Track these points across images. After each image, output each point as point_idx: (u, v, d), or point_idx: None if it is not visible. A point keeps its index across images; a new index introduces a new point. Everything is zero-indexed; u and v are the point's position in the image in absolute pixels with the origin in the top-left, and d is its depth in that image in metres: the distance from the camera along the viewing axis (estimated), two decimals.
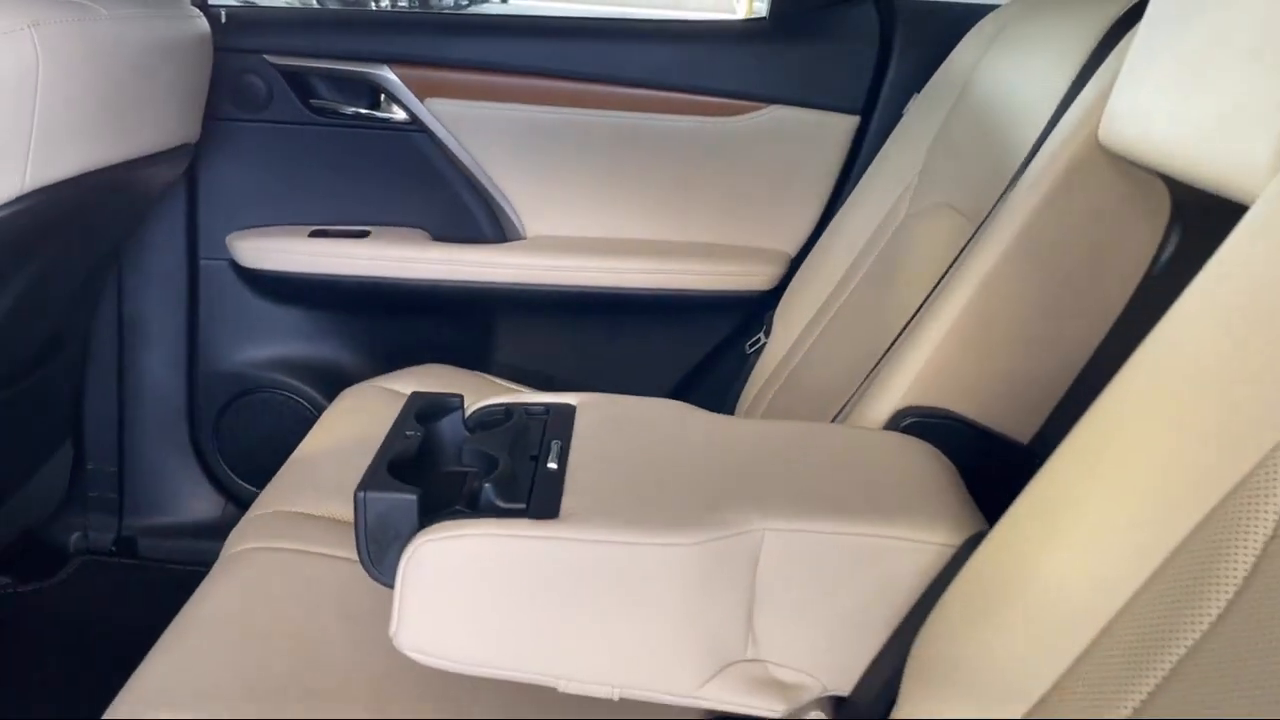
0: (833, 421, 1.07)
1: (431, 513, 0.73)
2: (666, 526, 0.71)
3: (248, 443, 1.60)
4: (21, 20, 0.88)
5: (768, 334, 1.39)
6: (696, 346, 1.60)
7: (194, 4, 1.38)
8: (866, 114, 1.49)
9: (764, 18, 1.53)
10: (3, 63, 0.87)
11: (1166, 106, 0.71)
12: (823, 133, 1.50)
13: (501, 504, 0.73)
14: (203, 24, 1.28)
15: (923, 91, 1.31)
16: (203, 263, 1.57)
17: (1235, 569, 0.50)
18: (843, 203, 1.39)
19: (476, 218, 1.58)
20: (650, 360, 1.61)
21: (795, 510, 0.74)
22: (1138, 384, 0.61)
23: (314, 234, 1.54)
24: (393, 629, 0.72)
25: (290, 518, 1.05)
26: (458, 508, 0.74)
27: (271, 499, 1.10)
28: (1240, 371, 0.55)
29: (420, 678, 0.84)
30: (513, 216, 1.58)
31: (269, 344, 1.61)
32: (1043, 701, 0.56)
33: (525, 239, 1.58)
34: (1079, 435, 0.63)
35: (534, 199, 1.57)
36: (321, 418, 1.27)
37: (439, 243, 1.57)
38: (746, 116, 1.51)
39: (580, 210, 1.56)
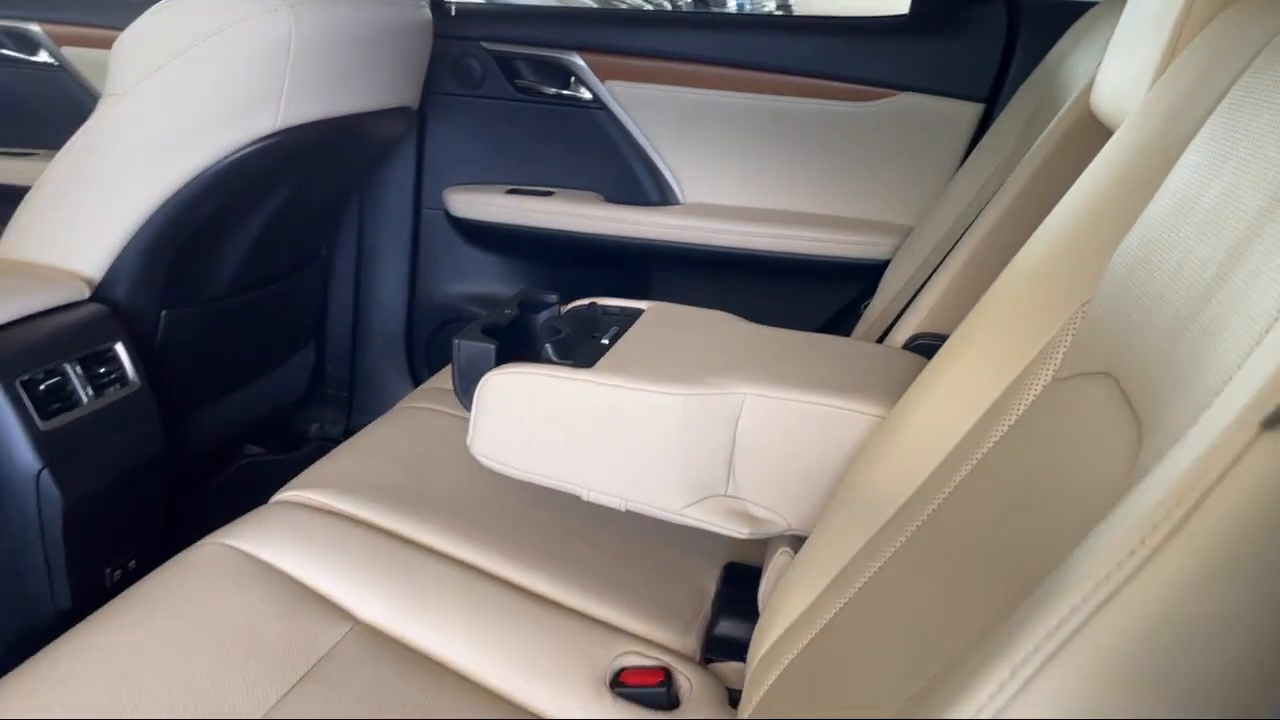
0: None
1: (505, 360, 1.00)
2: (666, 381, 0.94)
3: (449, 360, 1.96)
4: (280, 3, 1.24)
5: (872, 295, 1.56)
6: (824, 306, 1.79)
7: (432, 2, 1.75)
8: (991, 102, 1.62)
9: (904, 15, 1.69)
10: (267, 33, 1.24)
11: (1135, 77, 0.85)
12: (950, 118, 1.65)
13: (554, 358, 0.99)
14: (425, 13, 1.63)
15: (1025, 82, 1.44)
16: (424, 211, 1.94)
17: (1017, 408, 0.68)
18: None
19: (643, 184, 1.85)
20: (780, 317, 1.80)
21: (772, 383, 0.94)
22: (1004, 277, 0.78)
23: (509, 192, 1.87)
24: (469, 439, 1.00)
25: (442, 393, 1.36)
26: (524, 358, 1.01)
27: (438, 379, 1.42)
28: (1060, 259, 0.72)
29: (489, 492, 1.11)
30: (673, 184, 1.83)
31: (471, 281, 1.95)
32: (896, 514, 0.75)
33: (682, 204, 1.83)
34: (965, 321, 0.80)
35: (692, 169, 1.82)
36: None
37: (610, 204, 1.85)
38: (881, 102, 1.68)
39: (730, 180, 1.79)
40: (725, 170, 1.80)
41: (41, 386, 1.17)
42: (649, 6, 3.54)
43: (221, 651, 0.84)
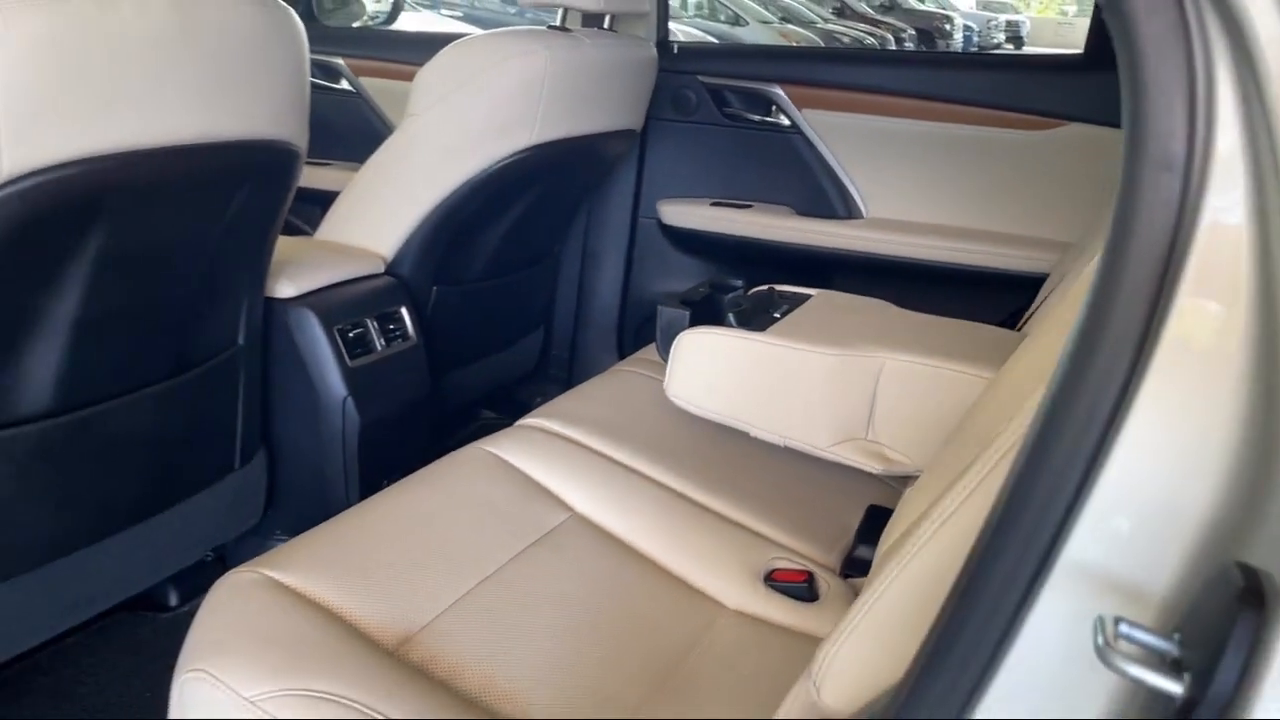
0: None
1: (697, 325, 1.28)
2: (821, 344, 1.19)
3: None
4: (540, 45, 1.59)
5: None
6: (987, 315, 1.97)
7: (658, 41, 2.07)
8: None
9: (1079, 53, 1.86)
10: (528, 69, 1.59)
11: None
12: (1116, 147, 1.80)
13: (734, 324, 1.26)
14: (652, 51, 1.95)
15: None
16: (640, 220, 2.26)
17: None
18: None
19: (831, 200, 2.09)
20: None
21: (908, 351, 1.18)
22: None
23: (714, 204, 2.16)
24: (665, 384, 1.28)
25: (644, 361, 1.66)
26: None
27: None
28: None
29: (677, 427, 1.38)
30: (858, 200, 2.07)
31: (676, 280, 2.25)
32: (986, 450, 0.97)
33: (866, 218, 2.06)
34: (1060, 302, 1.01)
35: (875, 187, 2.05)
36: None
37: (801, 216, 2.10)
38: (1051, 131, 1.86)
39: (909, 198, 2.01)
40: (905, 189, 2.02)
41: (350, 334, 1.56)
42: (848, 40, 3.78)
43: (476, 518, 1.16)
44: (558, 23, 1.78)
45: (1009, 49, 15.53)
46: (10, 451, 1.13)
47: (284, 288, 1.51)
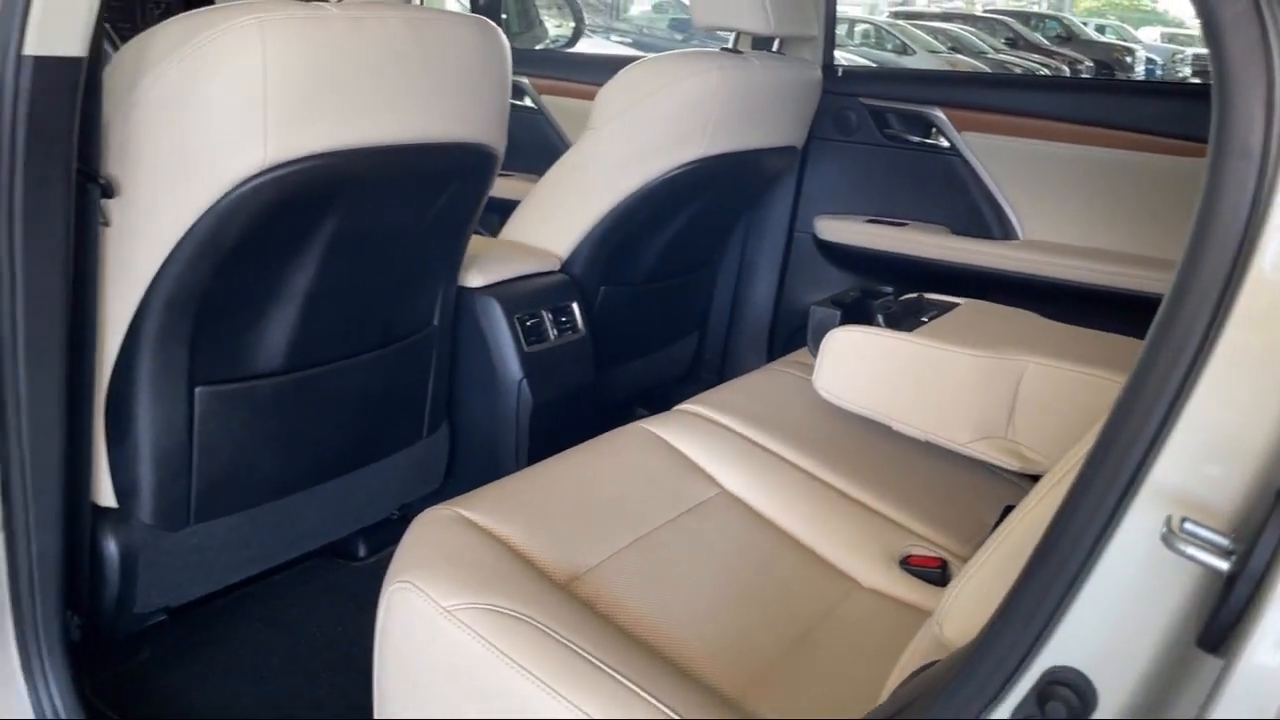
0: None
1: (849, 323, 1.38)
2: (966, 345, 1.27)
3: None
4: (713, 65, 1.72)
5: None
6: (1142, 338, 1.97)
7: (823, 64, 2.18)
8: None
9: None
10: (699, 88, 1.72)
11: None
12: None
13: (883, 324, 1.35)
14: (817, 73, 2.06)
15: None
16: (796, 234, 2.36)
17: None
18: None
19: (987, 220, 2.14)
20: None
21: (1050, 356, 1.24)
22: None
23: (869, 221, 2.24)
24: (814, 378, 1.39)
25: (792, 363, 1.76)
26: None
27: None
28: None
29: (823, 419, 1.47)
30: (1014, 221, 2.11)
31: (828, 294, 2.34)
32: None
33: (1021, 239, 2.10)
34: None
35: (1032, 209, 2.08)
36: None
37: (957, 235, 2.16)
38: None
39: (1066, 221, 2.04)
40: (1062, 211, 2.05)
41: (528, 323, 1.72)
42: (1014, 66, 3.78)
43: (635, 484, 1.29)
44: (730, 45, 1.91)
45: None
46: (250, 401, 1.34)
47: (474, 278, 1.69)
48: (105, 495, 1.26)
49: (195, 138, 1.12)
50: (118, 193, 1.13)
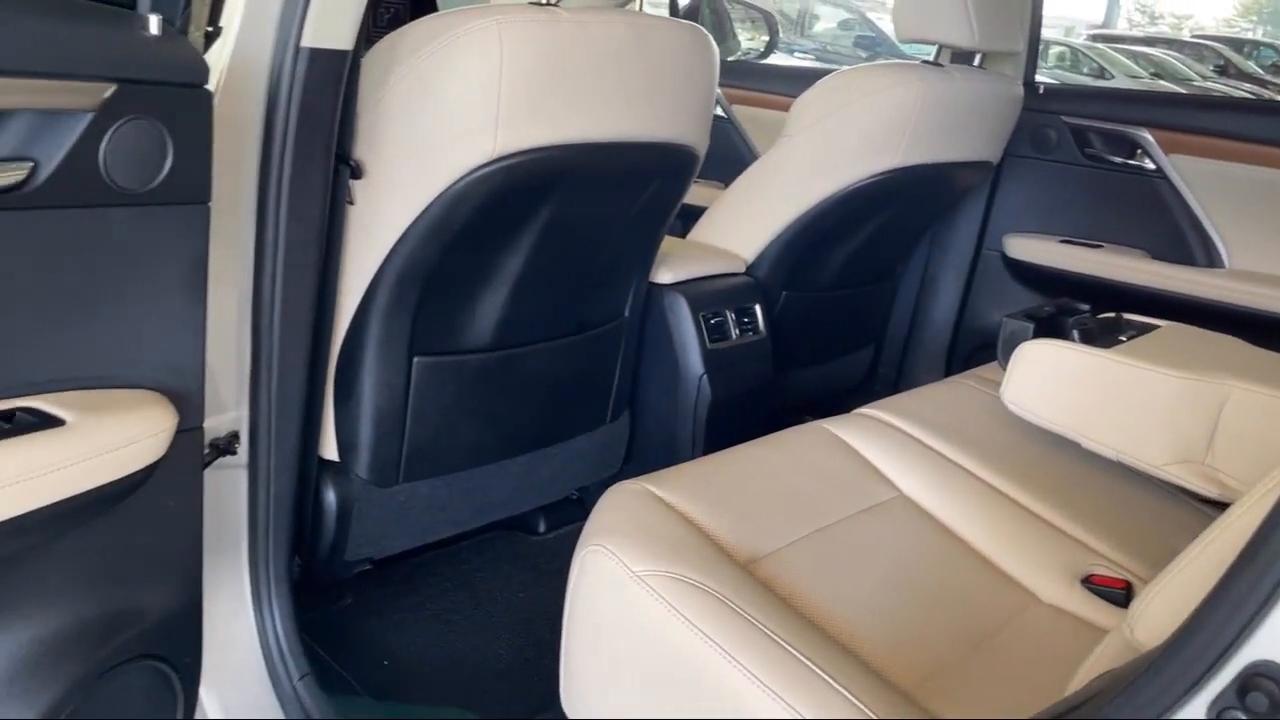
0: None
1: (1042, 337, 1.37)
2: (1168, 366, 1.24)
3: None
4: (914, 77, 1.74)
5: None
6: None
7: (1025, 80, 2.15)
8: None
9: None
10: (897, 100, 1.74)
11: None
12: None
13: (1078, 340, 1.34)
14: (1019, 89, 2.04)
15: None
16: (984, 251, 2.33)
17: None
18: None
19: (1190, 247, 2.06)
20: None
21: (1259, 383, 1.20)
22: None
23: (1063, 241, 2.19)
24: (1002, 390, 1.38)
25: (976, 377, 1.74)
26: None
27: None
28: None
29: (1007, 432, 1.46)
30: (1221, 249, 2.02)
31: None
32: None
33: (1228, 268, 2.01)
34: None
35: (1242, 237, 1.99)
36: None
37: (1156, 261, 2.09)
38: None
39: (1277, 251, 1.94)
40: (1273, 241, 1.95)
41: (711, 321, 1.78)
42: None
43: (813, 480, 1.32)
44: (931, 58, 1.92)
45: None
46: (459, 374, 1.44)
47: (663, 275, 1.76)
48: (329, 449, 1.39)
49: (434, 127, 1.23)
50: (364, 175, 1.26)
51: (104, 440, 0.81)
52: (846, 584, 1.14)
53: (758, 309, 1.87)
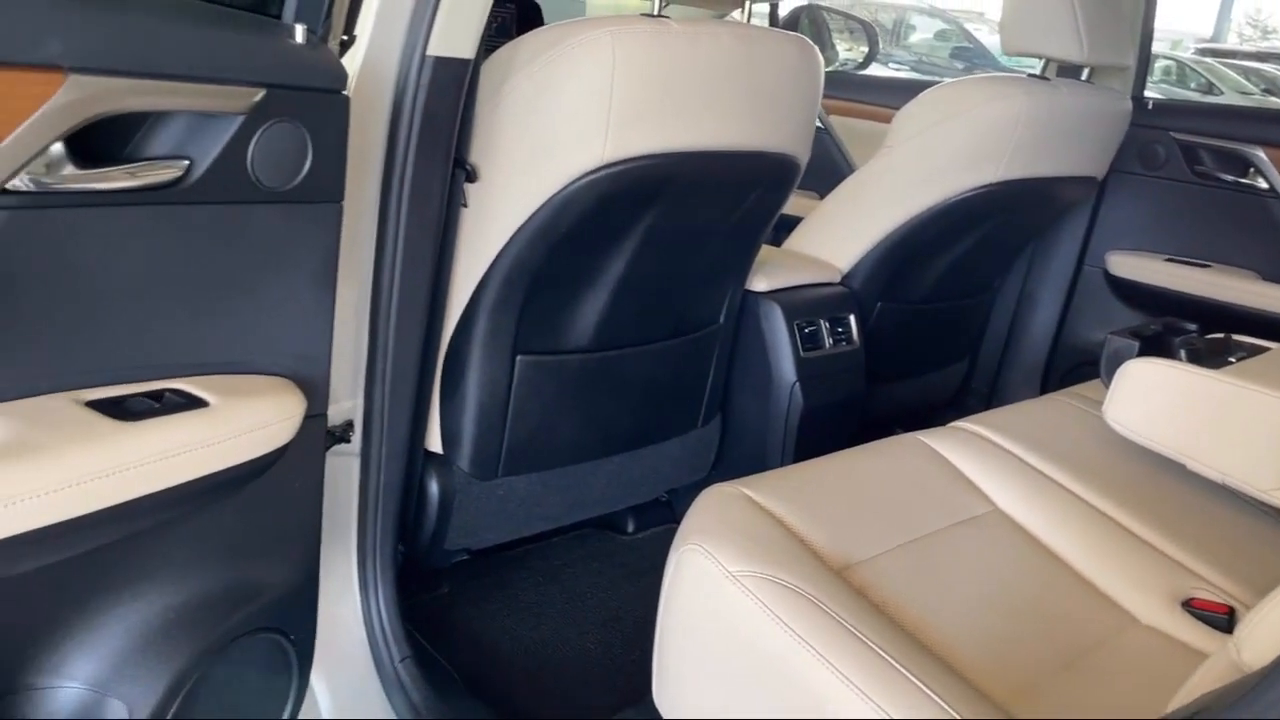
0: None
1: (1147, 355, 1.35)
2: (1277, 389, 1.21)
3: None
4: (1020, 89, 1.72)
5: None
6: None
7: (1133, 95, 2.11)
8: None
9: None
10: (1000, 113, 1.72)
11: None
12: None
13: (1185, 359, 1.32)
14: (1127, 105, 2.00)
15: None
16: (1085, 268, 2.29)
17: None
18: None
19: None
20: None
21: None
22: None
23: (1168, 260, 2.14)
24: (1104, 408, 1.37)
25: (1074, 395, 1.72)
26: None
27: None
28: None
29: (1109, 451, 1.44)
30: None
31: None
32: None
33: None
34: None
35: None
36: None
37: (1267, 282, 2.03)
38: None
39: None
40: None
41: (805, 329, 1.79)
42: None
43: (907, 490, 1.32)
44: (1038, 72, 1.90)
45: None
46: (558, 373, 1.48)
47: (759, 282, 1.78)
48: (434, 441, 1.44)
49: (546, 134, 1.27)
50: (477, 178, 1.30)
51: (243, 422, 0.87)
52: (940, 595, 1.14)
53: (852, 319, 1.87)
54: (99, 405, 0.80)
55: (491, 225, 1.33)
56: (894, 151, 1.86)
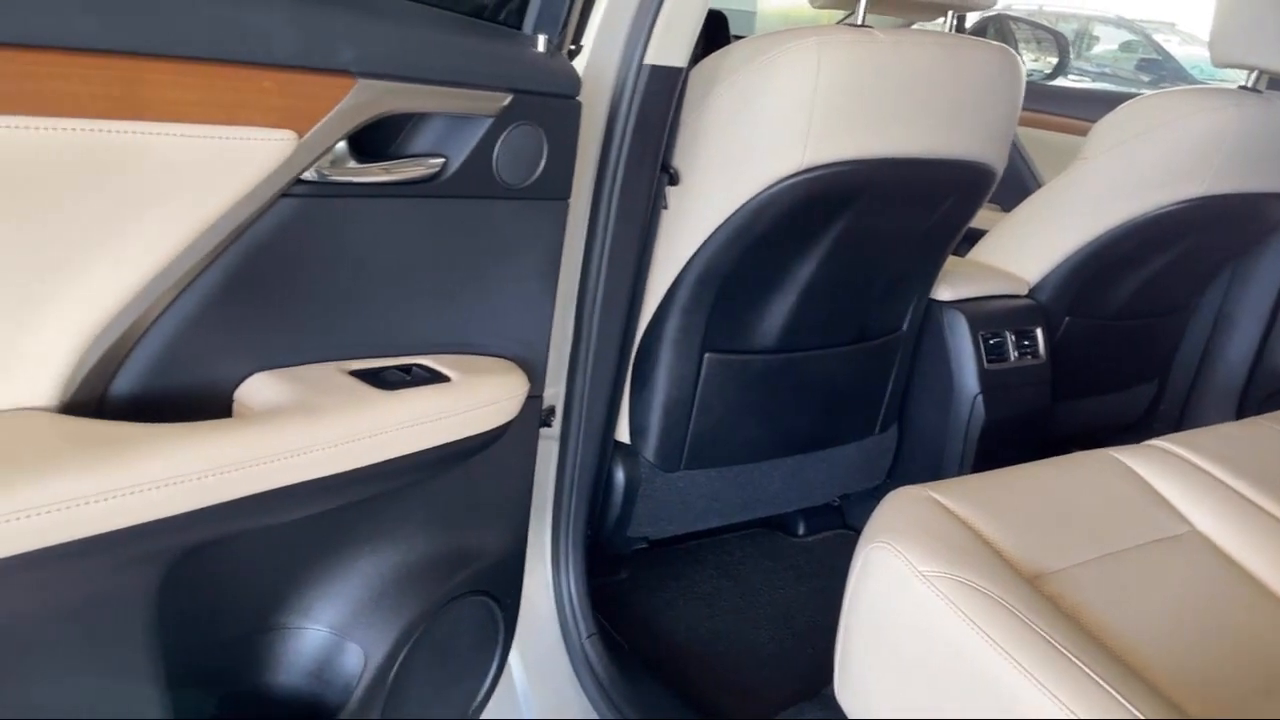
0: None
1: None
2: None
3: None
4: (1229, 102, 1.66)
5: None
6: None
7: None
8: None
9: None
10: (1212, 126, 1.66)
11: None
12: None
13: None
14: None
15: None
16: None
17: None
18: None
19: None
20: None
21: None
22: None
23: None
24: None
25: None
26: None
27: None
28: None
29: None
30: None
31: None
32: None
33: None
34: None
35: None
36: None
37: None
38: None
39: None
40: None
41: (990, 341, 1.77)
42: None
43: (1099, 505, 1.30)
44: (1249, 84, 1.82)
45: None
46: (743, 371, 1.53)
47: (943, 292, 1.77)
48: (622, 432, 1.51)
49: (748, 139, 1.32)
50: (679, 182, 1.36)
51: (479, 397, 0.95)
52: (1135, 611, 1.12)
53: (1039, 333, 1.84)
54: (360, 375, 0.89)
55: (688, 227, 1.38)
56: (1091, 163, 1.82)
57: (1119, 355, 2.10)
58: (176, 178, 0.72)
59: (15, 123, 0.62)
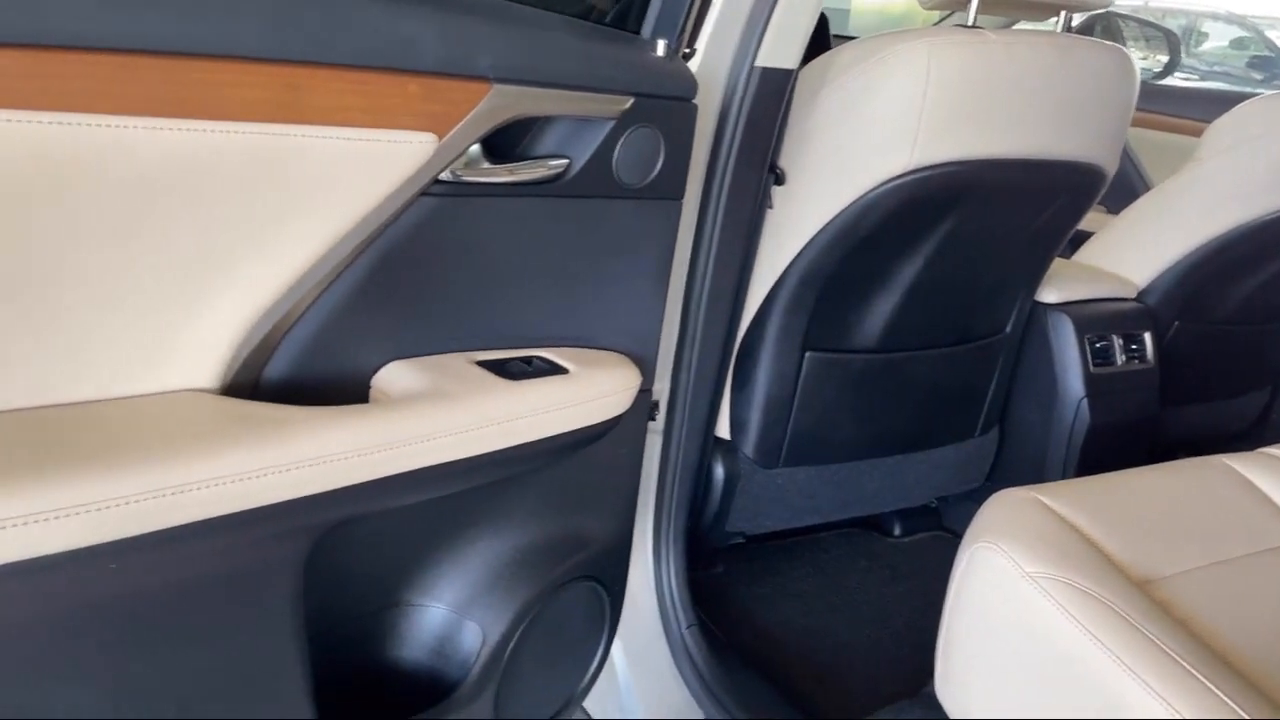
0: None
1: None
2: None
3: None
4: None
5: None
6: None
7: None
8: None
9: None
10: None
11: None
12: None
13: None
14: None
15: None
16: None
17: None
18: None
19: None
20: None
21: None
22: None
23: None
24: None
25: None
26: None
27: None
28: None
29: None
30: None
31: None
32: None
33: None
34: None
35: None
36: None
37: None
38: None
39: None
40: None
41: (1096, 344, 1.75)
42: None
43: (1210, 511, 1.27)
44: None
45: None
46: (844, 371, 1.54)
47: (1049, 294, 1.76)
48: (723, 428, 1.54)
49: (855, 140, 1.33)
50: (785, 182, 1.38)
51: (596, 389, 0.99)
52: (1250, 620, 1.10)
53: (1147, 337, 1.81)
54: (487, 365, 0.94)
55: (793, 227, 1.40)
56: (1205, 164, 1.78)
57: (1229, 361, 2.04)
58: (330, 178, 0.77)
59: (198, 126, 0.67)
